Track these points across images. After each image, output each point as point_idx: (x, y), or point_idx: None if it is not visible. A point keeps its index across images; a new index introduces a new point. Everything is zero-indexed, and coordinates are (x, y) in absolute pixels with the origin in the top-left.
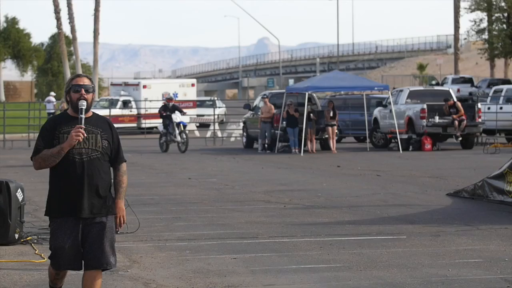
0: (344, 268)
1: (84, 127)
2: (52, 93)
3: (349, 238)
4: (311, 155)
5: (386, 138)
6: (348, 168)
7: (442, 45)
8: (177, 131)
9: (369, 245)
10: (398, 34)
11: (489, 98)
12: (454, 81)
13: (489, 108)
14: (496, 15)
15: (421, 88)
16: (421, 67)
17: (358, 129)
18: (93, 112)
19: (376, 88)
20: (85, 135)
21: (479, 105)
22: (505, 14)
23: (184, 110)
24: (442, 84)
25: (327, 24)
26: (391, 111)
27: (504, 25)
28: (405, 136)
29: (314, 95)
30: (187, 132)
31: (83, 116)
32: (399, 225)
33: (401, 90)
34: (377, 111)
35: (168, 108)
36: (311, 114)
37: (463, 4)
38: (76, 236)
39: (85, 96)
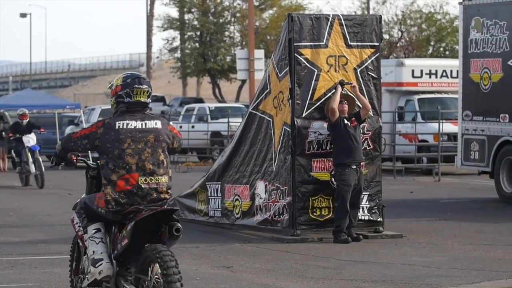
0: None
1: None
2: None
3: (41, 257)
4: (2, 174)
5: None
6: None
7: (135, 63)
8: (30, 159)
9: (61, 264)
10: (91, 53)
11: (181, 117)
12: None
13: (181, 127)
14: (189, 33)
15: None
16: None
17: (50, 148)
18: None
19: (68, 107)
20: None
21: (171, 123)
22: (198, 33)
23: None
24: None
25: (20, 42)
26: None
27: (197, 44)
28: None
29: (7, 113)
30: (40, 158)
31: None
32: None
33: (93, 109)
34: (69, 130)
35: (21, 127)
36: (3, 133)
37: (156, 23)
38: None
39: None
